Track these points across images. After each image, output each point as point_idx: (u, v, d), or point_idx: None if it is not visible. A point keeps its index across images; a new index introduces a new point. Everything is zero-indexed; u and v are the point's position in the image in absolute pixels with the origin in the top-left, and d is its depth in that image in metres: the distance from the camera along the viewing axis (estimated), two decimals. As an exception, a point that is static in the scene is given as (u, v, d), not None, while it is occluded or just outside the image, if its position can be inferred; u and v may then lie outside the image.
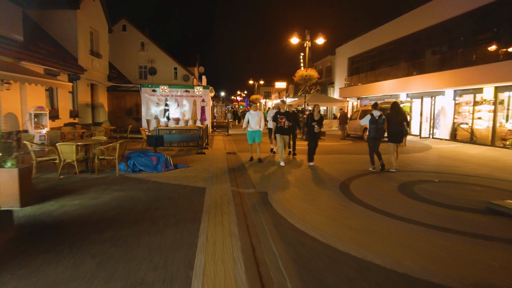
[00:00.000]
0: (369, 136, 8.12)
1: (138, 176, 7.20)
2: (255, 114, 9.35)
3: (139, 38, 31.90)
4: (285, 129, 8.79)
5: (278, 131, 8.82)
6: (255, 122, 9.23)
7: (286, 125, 8.71)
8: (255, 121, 9.23)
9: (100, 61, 19.19)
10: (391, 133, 7.93)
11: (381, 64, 23.42)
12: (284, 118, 8.68)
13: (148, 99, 16.11)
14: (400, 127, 7.79)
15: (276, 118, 8.79)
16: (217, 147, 13.20)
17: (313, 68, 16.69)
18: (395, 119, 7.85)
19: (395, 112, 7.94)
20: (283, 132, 8.83)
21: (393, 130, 7.87)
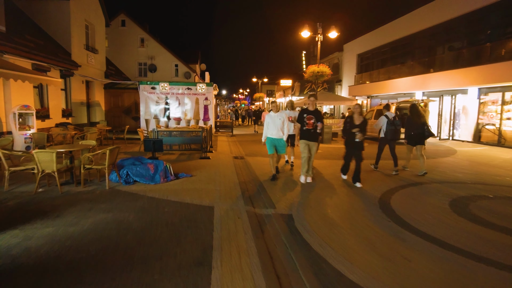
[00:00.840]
0: (385, 138, 7.90)
1: (132, 189, 6.01)
2: (277, 116, 6.93)
3: (138, 33, 30.69)
4: (313, 134, 6.61)
5: (304, 136, 6.66)
6: (277, 128, 6.88)
7: (318, 129, 6.54)
8: (277, 125, 6.88)
9: (96, 56, 17.99)
10: (411, 135, 7.74)
11: (394, 60, 22.16)
12: (313, 119, 6.55)
13: (147, 97, 14.93)
14: (421, 129, 7.54)
15: (302, 118, 6.64)
16: (222, 150, 12.00)
17: (324, 64, 15.47)
18: (417, 120, 7.58)
19: (416, 114, 7.64)
20: (311, 137, 6.62)
21: (414, 132, 7.63)
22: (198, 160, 9.50)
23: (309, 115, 6.62)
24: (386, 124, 7.72)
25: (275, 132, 6.91)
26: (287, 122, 7.05)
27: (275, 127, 6.89)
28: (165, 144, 10.19)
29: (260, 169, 8.18)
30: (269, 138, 7.00)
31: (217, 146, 13.04)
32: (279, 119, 6.91)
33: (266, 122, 7.01)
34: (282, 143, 7.02)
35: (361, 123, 6.49)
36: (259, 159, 9.88)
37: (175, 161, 9.27)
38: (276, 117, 6.93)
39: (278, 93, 37.05)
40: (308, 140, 6.65)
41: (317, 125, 6.55)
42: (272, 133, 6.94)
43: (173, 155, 10.24)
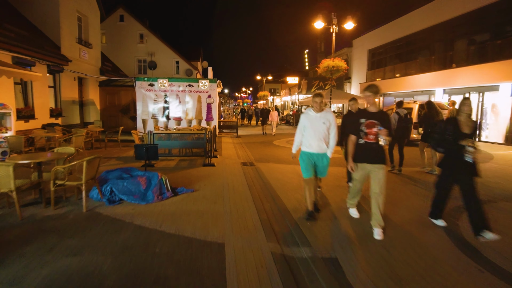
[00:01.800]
0: (396, 136, 7.33)
1: (116, 212, 4.62)
2: (320, 118, 4.38)
3: (138, 29, 29.32)
4: (376, 151, 3.93)
5: (361, 154, 4.02)
6: (319, 136, 4.37)
7: (383, 141, 3.84)
8: (319, 133, 4.37)
9: (90, 51, 16.61)
10: (428, 133, 7.44)
11: (410, 56, 20.69)
12: (376, 126, 3.86)
13: (144, 95, 13.55)
14: None
15: (358, 125, 4.00)
16: (228, 154, 10.60)
17: (339, 58, 14.06)
18: (436, 117, 7.25)
19: (434, 111, 7.32)
20: (373, 156, 3.95)
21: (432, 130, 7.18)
22: (201, 167, 8.10)
23: (370, 120, 3.86)
24: (397, 121, 7.41)
25: (315, 144, 4.38)
26: (335, 128, 4.42)
27: (316, 135, 4.35)
28: (163, 148, 8.79)
29: (276, 180, 6.77)
30: (306, 152, 4.49)
31: (222, 150, 11.65)
32: (324, 123, 4.33)
33: (302, 126, 4.52)
34: (325, 162, 4.49)
35: (472, 131, 3.97)
36: (272, 166, 8.48)
37: (173, 169, 7.88)
38: (319, 120, 4.35)
39: (283, 91, 35.63)
40: (369, 161, 3.93)
41: (381, 136, 3.80)
42: (310, 145, 4.41)
43: (172, 161, 8.85)
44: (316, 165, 4.52)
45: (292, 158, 4.96)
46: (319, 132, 4.37)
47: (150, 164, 8.02)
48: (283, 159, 9.66)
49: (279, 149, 11.91)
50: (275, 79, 51.10)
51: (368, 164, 3.97)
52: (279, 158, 9.86)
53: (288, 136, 17.31)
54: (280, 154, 10.73)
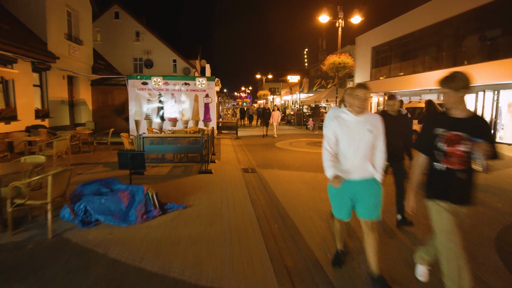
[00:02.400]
0: None
1: (89, 239, 3.72)
2: (363, 124, 2.79)
3: (133, 26, 28.36)
4: (464, 184, 2.43)
5: (440, 187, 2.49)
6: (363, 153, 2.78)
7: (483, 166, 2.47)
8: (364, 148, 2.78)
9: (81, 48, 15.69)
10: None
11: (417, 53, 19.80)
12: (465, 141, 2.36)
13: (137, 94, 12.63)
14: None
15: (432, 139, 2.48)
16: (227, 158, 9.71)
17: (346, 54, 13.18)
18: None
19: (434, 110, 6.93)
20: (458, 193, 2.45)
21: None
22: (197, 175, 7.20)
23: (455, 132, 2.39)
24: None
25: (356, 165, 2.80)
26: (384, 137, 2.87)
27: (359, 152, 2.78)
28: (155, 153, 7.88)
29: (283, 192, 5.87)
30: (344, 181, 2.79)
31: (220, 153, 10.75)
32: (370, 132, 2.77)
33: (332, 137, 2.85)
34: (376, 194, 2.82)
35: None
36: (276, 173, 7.58)
37: (165, 177, 6.98)
38: (362, 127, 2.78)
39: (284, 91, 34.71)
40: (452, 200, 2.46)
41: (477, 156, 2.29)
42: (348, 169, 2.82)
43: (165, 168, 7.95)
44: (357, 199, 2.82)
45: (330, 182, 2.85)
46: (362, 147, 2.74)
47: (139, 172, 7.13)
48: (288, 164, 8.76)
49: (282, 153, 11.02)
50: (275, 78, 50.19)
51: (451, 204, 2.44)
52: (283, 163, 8.97)
53: (290, 137, 16.41)
54: (284, 158, 9.83)
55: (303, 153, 10.98)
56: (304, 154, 10.63)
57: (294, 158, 9.78)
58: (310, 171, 7.76)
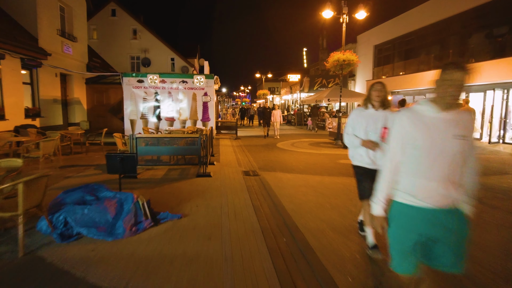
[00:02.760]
0: None
1: (67, 257, 3.19)
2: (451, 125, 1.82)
3: (131, 24, 27.79)
4: None
5: None
6: (449, 169, 1.80)
7: None
8: (451, 161, 1.80)
9: (75, 45, 15.13)
10: None
11: (421, 51, 19.32)
12: None
13: (132, 93, 12.10)
14: None
15: None
16: (226, 159, 9.19)
17: (350, 51, 12.66)
18: None
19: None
20: None
21: None
22: (195, 179, 6.67)
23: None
24: None
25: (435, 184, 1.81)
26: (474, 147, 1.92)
27: (442, 167, 1.81)
28: (150, 155, 7.34)
29: (288, 199, 5.35)
30: (408, 207, 1.87)
31: (220, 154, 10.23)
32: (462, 138, 1.81)
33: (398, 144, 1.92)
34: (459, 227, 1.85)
35: None
36: (279, 176, 7.06)
37: (160, 182, 6.45)
38: (449, 129, 1.82)
39: (283, 90, 34.18)
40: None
41: None
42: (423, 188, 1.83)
43: (160, 171, 7.41)
44: (432, 240, 1.85)
45: (378, 228, 1.99)
46: (448, 161, 1.82)
47: (132, 176, 6.60)
48: (292, 166, 8.24)
49: (284, 154, 10.50)
50: (275, 78, 49.69)
51: None
52: (286, 165, 8.45)
53: (292, 137, 15.90)
54: (287, 160, 9.31)
55: (307, 154, 10.46)
56: (307, 156, 10.11)
57: (297, 160, 9.26)
58: (316, 174, 7.24)
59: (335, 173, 7.36)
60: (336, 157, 9.75)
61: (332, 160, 9.30)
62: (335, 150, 11.29)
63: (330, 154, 10.40)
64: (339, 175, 7.15)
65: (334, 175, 7.20)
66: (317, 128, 22.51)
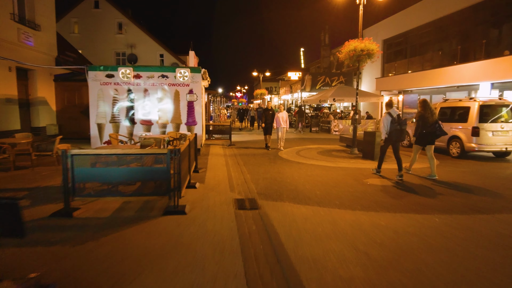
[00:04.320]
0: (390, 139, 6.90)
1: None
2: None
3: (116, 17, 25.41)
4: None
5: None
6: None
7: None
8: None
9: (39, 35, 12.74)
10: (423, 134, 6.98)
11: (440, 44, 17.10)
12: None
13: (100, 90, 9.73)
14: (433, 127, 6.87)
15: None
16: (214, 178, 6.85)
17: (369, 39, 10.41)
18: (430, 117, 6.86)
19: (430, 111, 6.90)
20: None
21: (427, 130, 6.92)
22: (160, 219, 4.32)
23: None
24: (390, 123, 6.84)
25: None
26: None
27: None
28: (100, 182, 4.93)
29: (312, 270, 3.00)
30: None
31: (207, 169, 7.88)
32: None
33: None
34: None
35: None
36: (289, 210, 4.72)
37: (104, 226, 4.08)
38: None
39: (282, 89, 31.89)
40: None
41: None
42: None
43: (113, 203, 5.03)
44: None
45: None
46: None
47: (67, 214, 4.26)
48: (305, 191, 5.90)
49: (291, 168, 8.17)
50: (273, 77, 47.38)
51: None
52: (297, 188, 6.11)
53: (295, 143, 13.55)
54: (296, 178, 6.98)
55: (320, 168, 8.14)
56: (322, 171, 7.80)
57: (310, 178, 6.93)
58: (344, 207, 4.92)
59: (371, 205, 5.04)
60: (360, 174, 7.44)
61: (357, 178, 6.98)
62: (354, 162, 8.98)
63: (350, 169, 8.09)
64: (380, 209, 4.83)
65: (371, 208, 4.88)
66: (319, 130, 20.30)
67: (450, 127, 10.34)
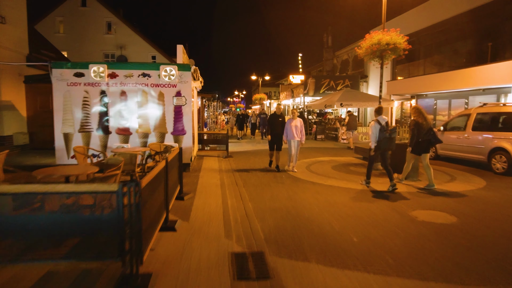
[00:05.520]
0: (378, 148, 6.51)
1: None
2: None
3: (104, 16, 23.67)
4: None
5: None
6: None
7: None
8: None
9: (4, 28, 10.94)
10: (418, 142, 6.66)
11: (462, 43, 15.45)
12: None
13: (67, 92, 7.91)
14: (428, 135, 6.61)
15: None
16: (203, 207, 5.01)
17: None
18: (426, 125, 6.63)
19: (424, 117, 6.68)
20: None
21: (423, 138, 6.63)
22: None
23: None
24: (378, 131, 6.48)
25: None
26: None
27: None
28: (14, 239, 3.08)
29: None
30: None
31: (195, 193, 6.03)
32: None
33: None
34: None
35: None
36: (323, 282, 2.87)
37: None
38: None
39: (283, 94, 30.15)
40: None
41: None
42: None
43: (34, 272, 3.17)
44: None
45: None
46: None
47: None
48: (334, 234, 4.05)
49: (305, 191, 6.34)
50: (272, 81, 45.74)
51: None
52: (321, 228, 4.26)
53: (303, 154, 11.49)
54: (315, 208, 5.13)
55: (342, 192, 6.32)
56: (346, 196, 5.97)
57: (335, 210, 5.10)
58: (406, 274, 3.08)
59: (447, 267, 3.21)
60: (398, 201, 5.62)
61: (398, 209, 5.16)
62: (382, 183, 7.16)
63: (382, 193, 6.27)
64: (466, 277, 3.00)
65: (451, 275, 3.04)
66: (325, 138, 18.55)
67: (492, 136, 8.61)
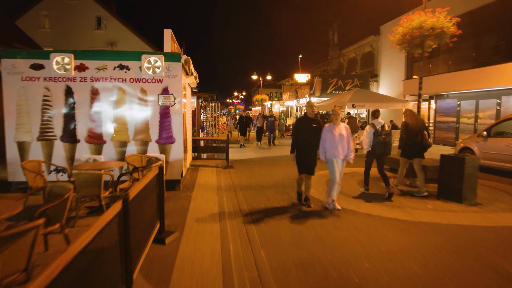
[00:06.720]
0: (373, 152, 6.22)
1: None
2: None
3: (94, 10, 21.93)
4: None
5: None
6: None
7: None
8: None
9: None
10: (408, 145, 6.42)
11: (487, 38, 13.77)
12: None
13: (21, 89, 6.15)
14: (419, 137, 6.29)
15: None
16: (192, 261, 3.27)
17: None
18: (416, 127, 6.31)
19: (415, 119, 6.37)
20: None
21: (412, 141, 6.36)
22: None
23: None
24: (373, 135, 6.15)
25: None
26: None
27: None
28: None
29: None
30: None
31: (183, 230, 4.27)
32: None
33: None
34: None
35: None
36: None
37: None
38: None
39: (286, 94, 28.40)
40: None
41: None
42: None
43: None
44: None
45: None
46: None
47: None
48: None
49: (338, 226, 4.60)
50: (273, 82, 44.01)
51: None
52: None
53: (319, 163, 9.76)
54: (365, 263, 3.39)
55: (391, 225, 4.57)
56: (400, 236, 4.23)
57: (395, 266, 3.36)
58: None
59: None
60: (478, 245, 3.88)
61: (486, 260, 3.43)
62: (440, 211, 5.40)
63: (448, 228, 4.53)
64: None
65: None
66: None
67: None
